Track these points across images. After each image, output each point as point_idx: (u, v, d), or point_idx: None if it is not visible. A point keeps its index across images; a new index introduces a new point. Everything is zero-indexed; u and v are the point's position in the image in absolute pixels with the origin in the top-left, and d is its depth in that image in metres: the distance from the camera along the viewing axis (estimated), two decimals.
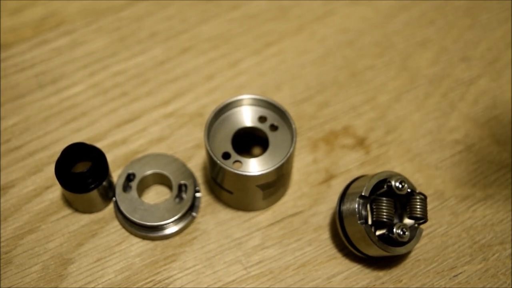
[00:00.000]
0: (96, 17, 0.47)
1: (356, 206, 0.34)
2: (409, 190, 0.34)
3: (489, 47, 0.46)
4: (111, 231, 0.38)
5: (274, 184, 0.36)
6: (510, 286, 0.37)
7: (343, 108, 0.43)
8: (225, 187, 0.37)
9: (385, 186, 0.34)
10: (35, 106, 0.43)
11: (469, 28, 0.47)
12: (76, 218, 0.38)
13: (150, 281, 0.36)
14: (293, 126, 0.36)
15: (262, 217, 0.39)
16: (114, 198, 0.38)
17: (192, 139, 0.42)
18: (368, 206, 0.34)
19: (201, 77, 0.44)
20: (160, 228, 0.37)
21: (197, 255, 0.37)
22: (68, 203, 0.39)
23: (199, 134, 0.42)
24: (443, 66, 0.45)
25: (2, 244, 0.37)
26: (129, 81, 0.44)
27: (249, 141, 0.40)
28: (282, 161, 0.35)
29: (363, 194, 0.34)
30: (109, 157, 0.38)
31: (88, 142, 0.38)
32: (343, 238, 0.36)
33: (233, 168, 0.35)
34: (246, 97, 0.38)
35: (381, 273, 0.37)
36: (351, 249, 0.36)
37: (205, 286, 0.36)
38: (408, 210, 0.35)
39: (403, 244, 0.34)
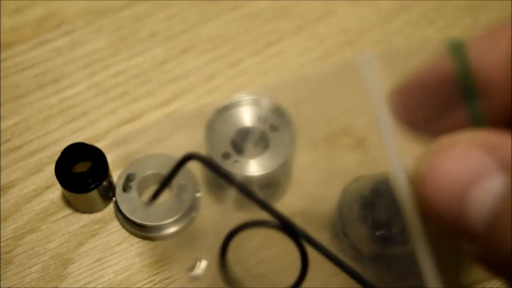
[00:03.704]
0: (96, 17, 0.47)
1: (356, 206, 0.34)
2: None
3: None
4: (111, 231, 0.38)
5: (274, 184, 0.36)
6: (510, 287, 0.37)
7: (343, 108, 0.43)
8: (225, 187, 0.37)
9: (385, 187, 0.34)
10: (35, 106, 0.43)
11: (469, 28, 0.47)
12: (76, 218, 0.38)
13: (150, 281, 0.36)
14: (293, 126, 0.36)
15: (262, 217, 0.39)
16: (114, 198, 0.38)
17: (192, 139, 0.42)
18: (368, 206, 0.34)
19: (201, 77, 0.44)
20: (160, 228, 0.37)
21: (197, 255, 0.37)
22: (68, 203, 0.39)
23: (199, 134, 0.42)
24: None
25: (2, 244, 0.37)
26: (129, 81, 0.44)
27: (247, 141, 0.40)
28: (282, 161, 0.35)
29: (363, 194, 0.34)
30: (109, 157, 0.38)
31: (88, 142, 0.38)
32: (343, 238, 0.36)
33: (233, 168, 0.35)
34: (246, 97, 0.38)
35: (381, 273, 0.37)
36: (351, 249, 0.36)
37: (205, 286, 0.36)
38: None
39: (403, 244, 0.34)
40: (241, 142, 0.38)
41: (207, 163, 0.28)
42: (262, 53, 0.46)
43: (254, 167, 0.36)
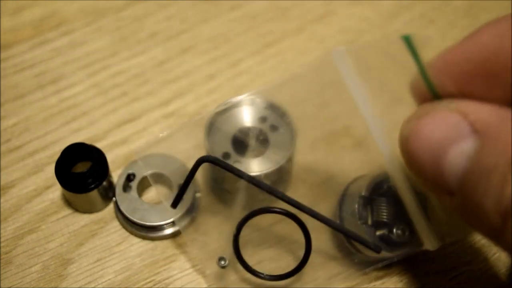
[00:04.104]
0: (96, 17, 0.47)
1: (356, 206, 0.34)
2: None
3: None
4: (111, 231, 0.38)
5: (274, 185, 0.36)
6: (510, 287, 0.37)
7: (343, 108, 0.43)
8: (225, 187, 0.37)
9: (385, 186, 0.34)
10: (35, 106, 0.43)
11: (469, 28, 0.47)
12: (76, 218, 0.38)
13: (150, 281, 0.36)
14: (293, 126, 0.36)
15: (262, 217, 0.39)
16: (114, 198, 0.38)
17: (192, 139, 0.42)
18: (368, 206, 0.34)
19: (201, 77, 0.44)
20: (160, 228, 0.37)
21: (197, 255, 0.37)
22: (68, 203, 0.39)
23: (199, 134, 0.42)
24: None
25: (2, 244, 0.37)
26: (129, 81, 0.44)
27: (248, 142, 0.40)
28: (282, 161, 0.35)
29: (363, 194, 0.34)
30: (109, 157, 0.38)
31: (88, 142, 0.38)
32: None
33: None
34: (246, 97, 0.38)
35: (381, 273, 0.37)
36: (351, 249, 0.36)
37: (205, 286, 0.36)
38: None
39: (403, 244, 0.34)
40: (241, 142, 0.38)
41: (218, 163, 0.33)
42: (262, 53, 0.46)
43: (254, 167, 0.36)
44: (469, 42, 0.27)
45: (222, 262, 0.35)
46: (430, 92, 0.27)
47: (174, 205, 0.35)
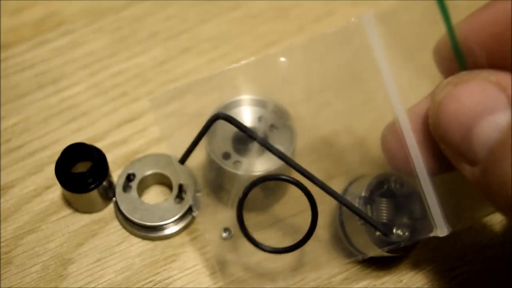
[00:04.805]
0: (96, 17, 0.47)
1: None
2: (409, 190, 0.34)
3: None
4: (111, 231, 0.38)
5: (275, 184, 0.36)
6: (510, 287, 0.37)
7: (343, 108, 0.43)
8: (225, 187, 0.37)
9: (385, 187, 0.34)
10: (35, 106, 0.43)
11: None
12: (76, 218, 0.38)
13: (150, 281, 0.36)
14: (293, 126, 0.36)
15: (262, 218, 0.39)
16: (114, 198, 0.38)
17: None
18: (368, 206, 0.34)
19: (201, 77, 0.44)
20: (160, 228, 0.37)
21: (197, 255, 0.37)
22: (68, 203, 0.39)
23: None
24: None
25: (2, 244, 0.37)
26: (129, 81, 0.44)
27: (249, 141, 0.39)
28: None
29: (363, 195, 0.34)
30: (109, 157, 0.38)
31: (88, 142, 0.38)
32: (343, 238, 0.36)
33: (233, 168, 0.35)
34: (246, 97, 0.38)
35: (381, 273, 0.37)
36: (351, 249, 0.36)
37: (205, 286, 0.36)
38: (408, 210, 0.35)
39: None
40: (241, 142, 0.38)
41: (231, 121, 0.33)
42: (262, 53, 0.46)
43: (254, 167, 0.36)
44: (495, 5, 0.27)
45: (225, 234, 0.35)
46: (456, 59, 0.28)
47: (182, 161, 0.35)
